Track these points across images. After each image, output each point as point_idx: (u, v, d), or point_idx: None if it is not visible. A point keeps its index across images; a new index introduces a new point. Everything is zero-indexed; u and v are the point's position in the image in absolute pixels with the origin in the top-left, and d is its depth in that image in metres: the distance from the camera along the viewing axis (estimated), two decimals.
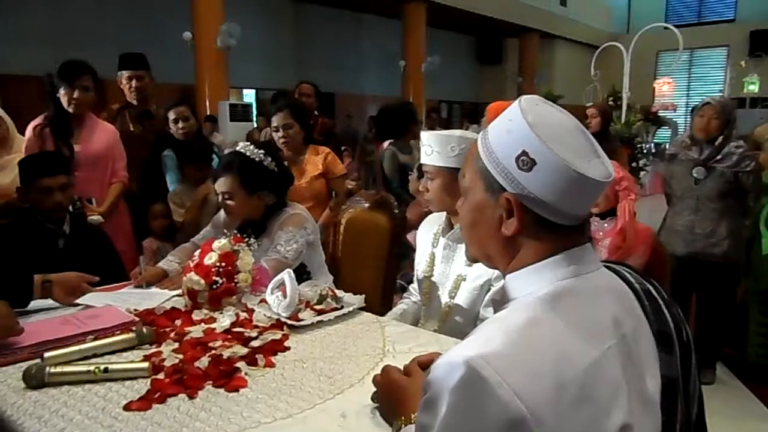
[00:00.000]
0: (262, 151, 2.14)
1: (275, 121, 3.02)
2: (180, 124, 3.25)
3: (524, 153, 0.79)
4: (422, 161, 1.83)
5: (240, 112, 7.69)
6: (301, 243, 2.11)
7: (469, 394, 0.70)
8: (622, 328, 0.81)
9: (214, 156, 3.33)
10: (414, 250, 2.05)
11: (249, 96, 10.69)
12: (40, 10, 7.01)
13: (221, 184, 2.10)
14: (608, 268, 0.90)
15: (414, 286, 2.08)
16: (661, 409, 0.85)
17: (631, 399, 0.77)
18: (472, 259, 0.96)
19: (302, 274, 2.15)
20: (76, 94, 2.78)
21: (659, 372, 0.86)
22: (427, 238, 1.98)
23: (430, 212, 2.02)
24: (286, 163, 2.38)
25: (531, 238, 0.83)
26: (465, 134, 1.79)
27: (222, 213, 2.28)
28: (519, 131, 0.80)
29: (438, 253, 1.91)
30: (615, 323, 0.80)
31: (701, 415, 0.93)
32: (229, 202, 2.11)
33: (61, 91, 2.79)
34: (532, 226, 0.82)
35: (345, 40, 11.12)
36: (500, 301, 0.88)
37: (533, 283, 0.82)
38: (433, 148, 1.76)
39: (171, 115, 3.28)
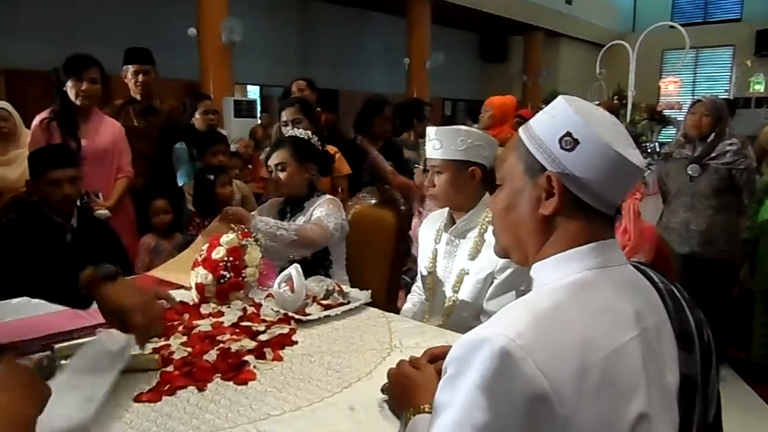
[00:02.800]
0: (309, 132, 2.38)
1: (285, 115, 3.06)
2: (209, 116, 3.49)
3: (568, 134, 0.82)
4: (429, 156, 1.84)
5: (244, 109, 7.69)
6: (339, 222, 2.19)
7: (495, 369, 0.71)
8: (644, 322, 0.82)
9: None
10: (415, 242, 2.07)
11: (253, 92, 10.70)
12: (44, 6, 7.02)
13: (275, 157, 2.28)
14: (634, 267, 0.92)
15: (418, 284, 2.09)
16: (678, 406, 0.86)
17: (651, 391, 0.78)
18: (500, 252, 0.97)
19: (324, 261, 2.20)
20: (84, 86, 2.79)
21: (678, 369, 0.87)
22: (430, 235, 1.99)
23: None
24: None
25: (567, 219, 0.85)
26: (473, 129, 1.80)
27: (265, 204, 2.45)
28: (563, 116, 0.84)
29: (440, 249, 1.92)
30: (637, 316, 0.82)
31: (718, 417, 0.94)
32: (281, 173, 2.26)
33: (69, 84, 2.80)
34: (570, 207, 0.84)
35: (350, 37, 11.11)
36: (525, 290, 0.90)
37: (560, 270, 0.84)
38: (441, 142, 1.78)
39: (201, 107, 3.48)
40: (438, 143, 1.79)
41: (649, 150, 6.86)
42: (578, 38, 14.30)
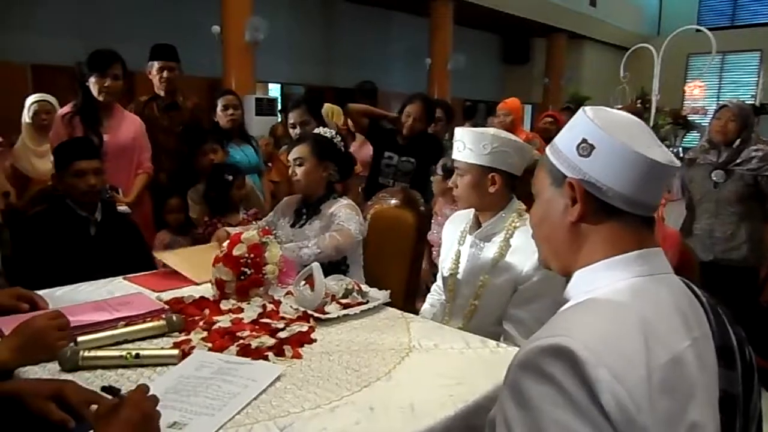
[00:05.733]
0: (333, 131, 2.38)
1: (292, 117, 3.06)
2: (230, 111, 3.39)
3: (583, 140, 0.84)
4: (454, 157, 1.83)
5: (265, 107, 7.73)
6: (360, 225, 2.19)
7: (567, 379, 0.70)
8: (694, 332, 0.81)
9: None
10: (431, 247, 2.06)
11: (274, 90, 10.75)
12: (70, 2, 7.12)
13: (294, 152, 2.29)
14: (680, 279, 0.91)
15: (439, 284, 2.08)
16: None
17: (703, 401, 0.77)
18: (544, 263, 0.98)
19: (341, 265, 2.20)
20: (107, 83, 2.83)
21: (718, 386, 0.85)
22: (454, 236, 1.97)
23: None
24: None
25: (596, 226, 0.85)
26: (499, 132, 1.79)
27: (281, 203, 2.46)
28: (580, 124, 0.86)
29: (464, 251, 1.90)
30: (687, 325, 0.81)
31: None
32: (299, 168, 2.26)
33: (92, 80, 2.83)
34: (596, 212, 0.84)
35: (372, 37, 11.11)
36: (560, 299, 0.89)
37: (605, 278, 0.83)
38: (465, 144, 1.76)
39: (221, 102, 3.40)
40: (462, 145, 1.78)
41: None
42: (602, 41, 14.14)
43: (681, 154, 7.78)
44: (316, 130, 2.42)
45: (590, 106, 0.90)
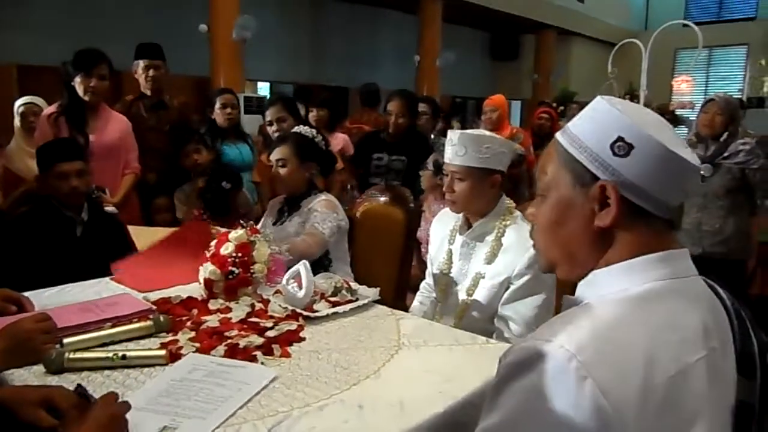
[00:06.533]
0: (314, 131, 2.38)
1: (269, 115, 3.08)
2: (227, 110, 3.40)
3: (620, 138, 0.77)
4: (451, 161, 1.79)
5: (254, 105, 7.71)
6: (335, 224, 2.19)
7: (550, 385, 0.68)
8: (712, 341, 0.77)
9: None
10: (419, 244, 2.05)
11: (264, 89, 10.71)
12: (56, 2, 7.06)
13: (276, 153, 2.30)
14: (704, 280, 0.86)
15: (429, 282, 2.07)
16: None
17: (713, 417, 0.74)
18: (546, 268, 0.91)
19: (324, 260, 2.20)
20: (93, 83, 2.80)
21: (735, 395, 0.82)
22: (443, 235, 1.97)
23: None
24: None
25: (626, 230, 0.79)
26: (495, 135, 1.79)
27: (271, 201, 2.49)
28: (610, 119, 0.79)
29: (455, 250, 1.90)
30: (706, 334, 0.76)
31: None
32: (281, 169, 2.28)
33: (77, 80, 2.80)
34: (628, 216, 0.78)
35: (360, 35, 11.09)
36: (575, 300, 0.82)
37: (624, 280, 0.78)
38: (466, 148, 1.74)
39: (219, 101, 3.41)
40: (462, 149, 1.75)
41: None
42: (590, 37, 14.21)
43: None
44: (296, 129, 2.41)
45: (606, 96, 0.83)
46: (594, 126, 0.80)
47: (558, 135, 0.86)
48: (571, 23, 13.37)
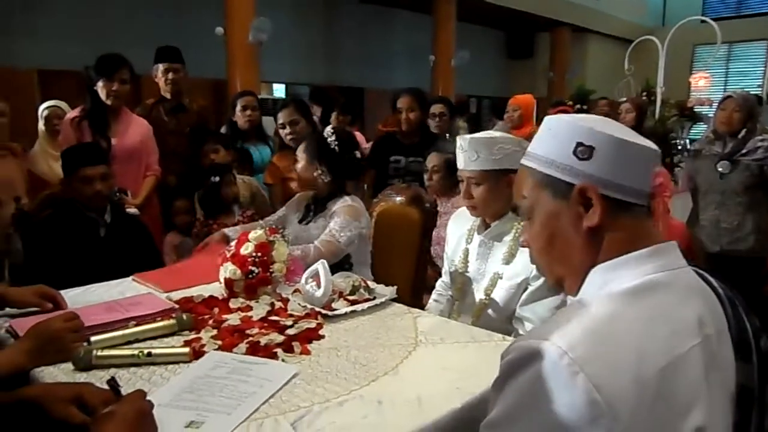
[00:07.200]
0: (331, 130, 2.36)
1: (281, 117, 3.08)
2: (248, 112, 3.46)
3: (579, 144, 0.83)
4: (465, 167, 1.79)
5: (270, 107, 7.77)
6: (355, 233, 2.20)
7: (545, 381, 0.70)
8: (707, 329, 0.80)
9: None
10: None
11: (279, 90, 10.77)
12: (76, 7, 7.17)
13: (297, 151, 2.35)
14: (694, 270, 0.89)
15: (445, 280, 2.09)
16: (733, 416, 0.83)
17: (711, 402, 0.76)
18: (555, 285, 0.94)
19: (344, 264, 2.22)
20: (115, 87, 2.86)
21: (735, 379, 0.84)
22: (460, 234, 1.98)
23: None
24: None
25: (613, 226, 0.83)
26: (506, 135, 1.79)
27: (294, 199, 2.50)
28: (566, 129, 0.85)
29: (473, 250, 1.90)
30: (700, 323, 0.79)
31: None
32: (297, 166, 2.34)
33: (100, 84, 2.86)
34: (612, 211, 0.83)
35: (375, 35, 11.11)
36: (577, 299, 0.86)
37: (616, 276, 0.81)
38: (478, 153, 1.74)
39: (239, 103, 3.47)
40: (474, 154, 1.74)
41: (679, 147, 6.75)
42: (606, 34, 14.07)
43: (688, 146, 7.75)
44: (327, 129, 2.40)
45: (549, 116, 0.90)
46: (553, 141, 0.87)
47: (523, 161, 0.92)
48: (586, 20, 13.26)
